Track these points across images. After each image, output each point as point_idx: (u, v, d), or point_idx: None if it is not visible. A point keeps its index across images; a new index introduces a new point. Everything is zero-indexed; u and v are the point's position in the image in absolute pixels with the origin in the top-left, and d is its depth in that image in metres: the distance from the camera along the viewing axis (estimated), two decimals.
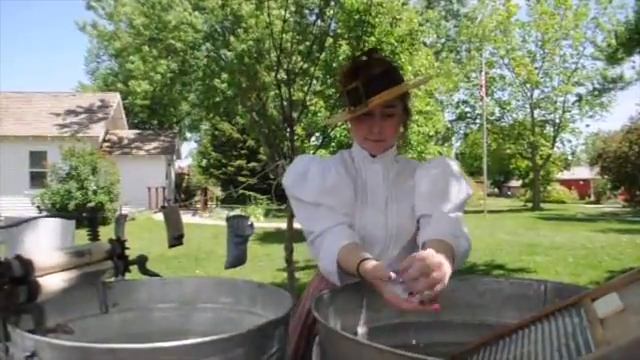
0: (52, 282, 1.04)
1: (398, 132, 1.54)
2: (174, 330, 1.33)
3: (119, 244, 1.25)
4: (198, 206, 21.97)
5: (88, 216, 1.12)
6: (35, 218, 1.21)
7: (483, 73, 21.55)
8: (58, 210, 14.95)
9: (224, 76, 19.79)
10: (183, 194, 26.38)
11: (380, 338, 1.23)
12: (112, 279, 1.30)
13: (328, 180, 1.48)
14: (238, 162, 27.27)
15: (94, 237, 1.27)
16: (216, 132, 28.42)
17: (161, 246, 1.31)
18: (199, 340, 0.85)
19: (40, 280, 1.01)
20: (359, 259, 1.22)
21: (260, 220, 17.30)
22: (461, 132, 29.44)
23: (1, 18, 77.01)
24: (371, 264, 1.18)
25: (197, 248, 9.60)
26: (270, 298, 1.27)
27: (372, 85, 1.42)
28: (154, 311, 1.35)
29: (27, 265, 1.00)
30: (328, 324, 0.97)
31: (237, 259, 3.46)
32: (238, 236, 3.41)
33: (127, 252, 1.31)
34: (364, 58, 1.50)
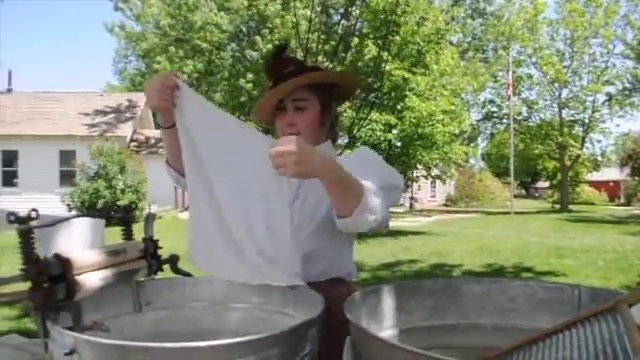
0: (89, 280, 1.06)
1: (315, 126, 1.55)
2: (205, 329, 1.34)
3: (152, 243, 1.27)
4: None
5: (122, 216, 1.14)
6: (72, 217, 1.24)
7: (510, 72, 21.27)
8: (87, 209, 15.21)
9: (249, 76, 19.93)
10: None
11: (410, 341, 1.23)
12: (145, 278, 1.32)
13: None
14: None
15: (128, 236, 1.29)
16: None
17: (186, 245, 1.33)
18: (234, 340, 0.86)
19: (78, 278, 1.03)
20: None
21: None
22: (487, 132, 29.12)
23: (33, 21, 78.80)
24: None
25: None
26: (301, 298, 1.27)
27: (279, 81, 1.51)
28: (186, 310, 1.37)
29: (65, 263, 1.02)
30: (362, 326, 0.97)
31: None
32: None
33: (159, 251, 1.33)
34: (276, 58, 1.58)
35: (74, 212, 14.91)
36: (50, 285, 0.99)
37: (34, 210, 1.02)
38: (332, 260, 1.52)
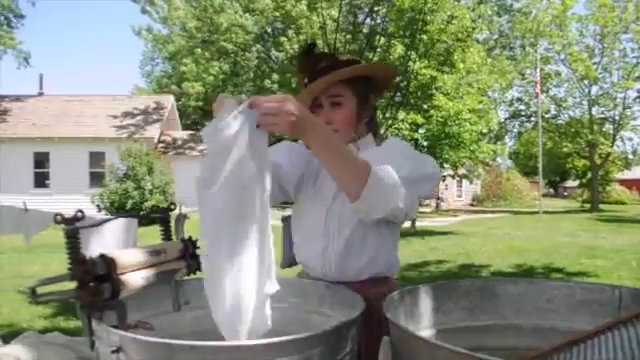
0: (132, 280, 1.08)
1: (352, 121, 1.53)
2: None
3: (191, 243, 1.29)
4: None
5: (161, 216, 1.16)
6: (115, 218, 1.27)
7: (538, 69, 20.92)
8: (116, 209, 15.46)
9: (274, 77, 20.03)
10: None
11: (447, 341, 1.22)
12: (184, 277, 1.34)
13: (285, 145, 1.61)
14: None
15: (167, 236, 1.31)
16: None
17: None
18: (278, 339, 0.87)
19: (122, 278, 1.05)
20: None
21: None
22: (515, 130, 28.71)
23: (62, 27, 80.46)
24: None
25: None
26: (338, 298, 1.28)
27: (313, 78, 1.48)
28: None
29: (110, 263, 1.04)
30: (404, 326, 0.97)
31: (293, 259, 3.51)
32: None
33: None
34: (306, 55, 1.54)
35: (103, 212, 15.18)
36: (96, 284, 1.01)
37: (80, 211, 1.04)
38: (373, 255, 1.50)
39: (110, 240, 3.69)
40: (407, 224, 11.20)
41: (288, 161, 1.52)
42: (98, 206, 15.71)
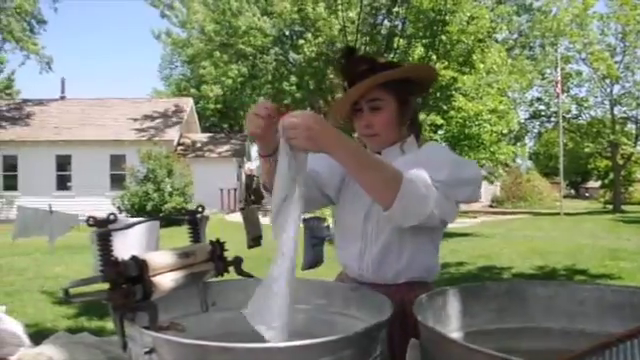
0: (163, 281, 1.09)
1: (392, 126, 1.51)
2: None
3: (219, 246, 1.30)
4: (269, 207, 22.32)
5: (190, 219, 1.17)
6: (145, 221, 1.28)
7: (559, 69, 20.67)
8: (136, 211, 15.61)
9: (292, 79, 20.09)
10: (253, 195, 26.89)
11: (476, 344, 1.21)
12: (211, 279, 1.35)
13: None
14: None
15: (196, 239, 1.32)
16: None
17: (234, 247, 1.34)
18: (310, 341, 0.87)
19: (153, 279, 1.07)
20: None
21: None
22: (535, 131, 28.41)
23: (84, 32, 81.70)
24: None
25: (270, 249, 9.73)
26: (364, 300, 1.28)
27: (353, 82, 1.47)
28: None
29: (142, 265, 1.05)
30: (436, 329, 0.96)
31: (314, 260, 3.51)
32: (315, 237, 3.47)
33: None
34: (346, 59, 1.54)
35: (124, 214, 15.33)
36: (128, 286, 1.03)
37: (112, 214, 1.06)
38: (410, 259, 1.49)
39: (133, 242, 3.73)
40: None
41: (328, 167, 1.51)
42: (119, 208, 15.89)
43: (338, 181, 1.58)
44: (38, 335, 1.63)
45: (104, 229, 1.04)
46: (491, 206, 31.94)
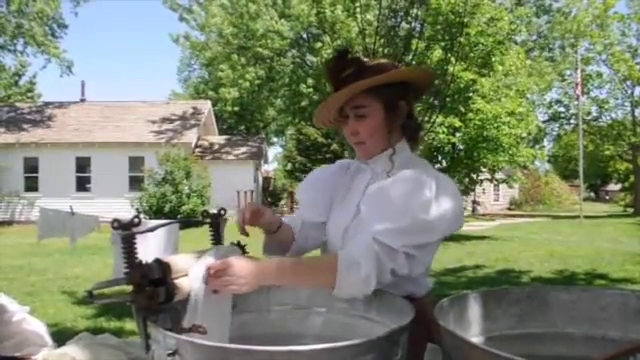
0: (186, 284, 1.10)
1: (378, 133, 1.43)
2: (289, 333, 1.37)
3: (240, 248, 1.30)
4: (284, 209, 22.40)
5: (212, 221, 1.17)
6: (168, 223, 1.29)
7: (579, 70, 20.43)
8: (155, 213, 15.74)
9: (309, 81, 20.12)
10: (269, 197, 27.04)
11: (497, 349, 1.20)
12: None
13: (310, 179, 1.67)
14: (323, 166, 27.45)
15: (217, 241, 1.33)
16: (301, 136, 28.90)
17: (252, 248, 1.35)
18: (332, 345, 0.87)
19: (176, 282, 1.08)
20: None
21: None
22: (554, 133, 28.10)
23: (103, 35, 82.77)
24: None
25: None
26: (385, 304, 1.27)
27: (339, 86, 1.41)
28: (270, 313, 1.40)
29: (165, 267, 1.06)
30: (459, 334, 0.96)
31: None
32: None
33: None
34: (335, 61, 1.46)
35: (142, 216, 15.47)
36: (152, 288, 1.04)
37: (137, 217, 1.07)
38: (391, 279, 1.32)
39: (153, 244, 3.77)
40: None
41: (322, 210, 1.58)
42: (137, 209, 16.03)
43: (329, 208, 1.58)
44: (59, 335, 1.66)
45: (128, 232, 1.06)
46: (509, 209, 31.68)
